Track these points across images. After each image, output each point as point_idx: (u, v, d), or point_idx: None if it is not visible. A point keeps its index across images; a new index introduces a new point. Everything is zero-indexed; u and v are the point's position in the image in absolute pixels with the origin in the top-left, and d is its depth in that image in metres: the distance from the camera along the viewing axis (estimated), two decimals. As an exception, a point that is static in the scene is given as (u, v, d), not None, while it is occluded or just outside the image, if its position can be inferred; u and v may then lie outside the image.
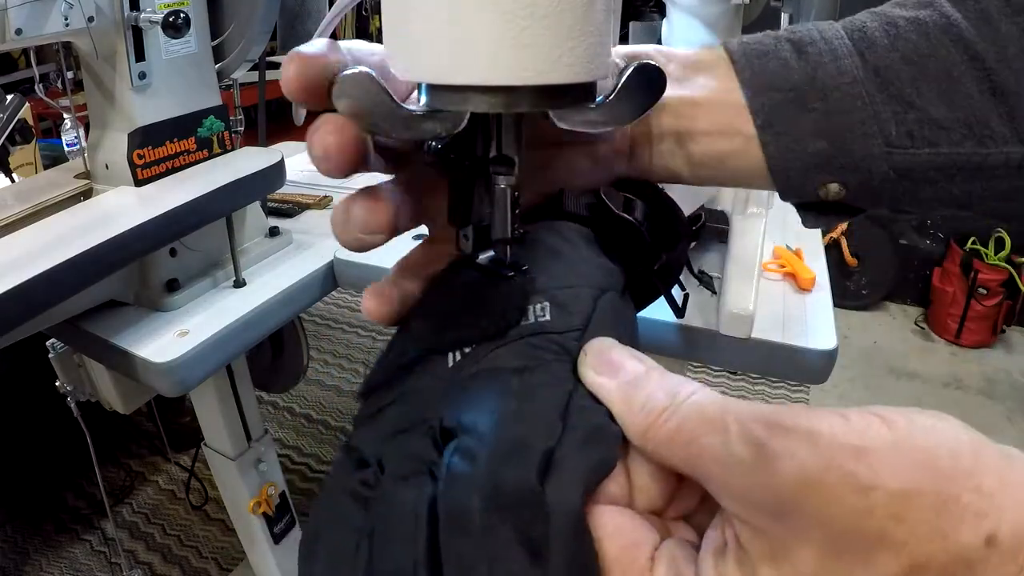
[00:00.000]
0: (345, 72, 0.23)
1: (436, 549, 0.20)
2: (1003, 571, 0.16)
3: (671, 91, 0.30)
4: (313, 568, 0.24)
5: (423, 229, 0.32)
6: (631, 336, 0.28)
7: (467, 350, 0.25)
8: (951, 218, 2.28)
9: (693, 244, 0.35)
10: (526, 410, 0.22)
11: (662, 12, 1.00)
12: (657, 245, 0.32)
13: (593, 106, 0.25)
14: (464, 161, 0.27)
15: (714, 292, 0.35)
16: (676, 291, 0.37)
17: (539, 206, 0.32)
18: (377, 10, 3.06)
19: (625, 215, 0.31)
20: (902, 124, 0.29)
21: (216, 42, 0.78)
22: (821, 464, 0.18)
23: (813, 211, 0.33)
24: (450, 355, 0.26)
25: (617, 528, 0.21)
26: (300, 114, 0.40)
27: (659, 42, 1.01)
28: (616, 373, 0.23)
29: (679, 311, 0.39)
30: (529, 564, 0.19)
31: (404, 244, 0.32)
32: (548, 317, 0.25)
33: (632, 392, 0.22)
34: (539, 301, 0.26)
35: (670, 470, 0.22)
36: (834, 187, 0.31)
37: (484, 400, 0.23)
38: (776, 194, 0.33)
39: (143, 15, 0.66)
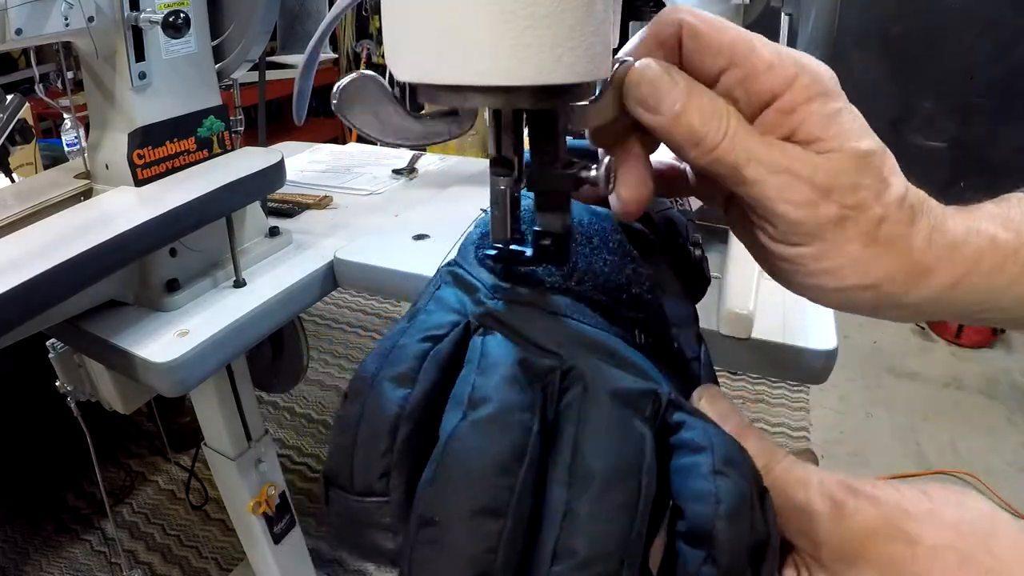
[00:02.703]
0: (348, 79, 0.23)
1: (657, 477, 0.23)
2: None
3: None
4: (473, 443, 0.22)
5: (423, 229, 0.33)
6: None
7: (650, 339, 0.30)
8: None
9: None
10: None
11: (662, 12, 1.00)
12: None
13: None
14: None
15: None
16: None
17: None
18: (377, 10, 3.06)
19: (685, 243, 0.35)
20: None
21: (216, 42, 0.78)
22: (881, 521, 0.24)
23: None
24: (636, 332, 0.30)
25: None
26: (301, 114, 0.40)
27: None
28: (725, 422, 0.27)
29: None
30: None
31: (405, 243, 0.32)
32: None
33: None
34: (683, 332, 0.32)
35: None
36: None
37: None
38: None
39: (143, 15, 0.66)
